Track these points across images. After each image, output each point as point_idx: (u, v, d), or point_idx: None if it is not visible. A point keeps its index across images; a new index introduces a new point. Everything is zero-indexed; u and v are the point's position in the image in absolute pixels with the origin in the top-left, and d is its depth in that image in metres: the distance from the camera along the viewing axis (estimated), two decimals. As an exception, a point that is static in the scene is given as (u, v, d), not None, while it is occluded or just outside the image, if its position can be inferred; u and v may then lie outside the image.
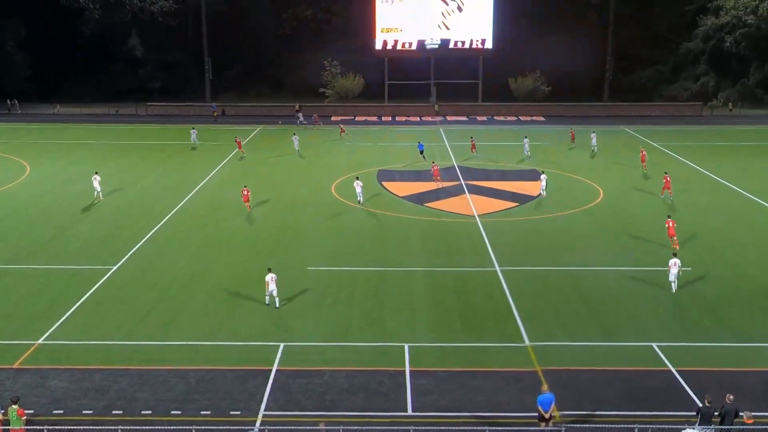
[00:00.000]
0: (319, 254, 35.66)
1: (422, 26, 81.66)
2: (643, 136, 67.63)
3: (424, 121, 78.13)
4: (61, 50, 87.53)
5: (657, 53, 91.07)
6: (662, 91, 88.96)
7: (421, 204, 44.76)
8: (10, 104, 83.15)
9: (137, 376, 23.98)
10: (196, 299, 30.34)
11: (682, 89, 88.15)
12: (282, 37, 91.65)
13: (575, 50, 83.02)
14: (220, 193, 47.30)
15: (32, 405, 21.90)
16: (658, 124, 75.21)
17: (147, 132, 71.50)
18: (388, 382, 23.67)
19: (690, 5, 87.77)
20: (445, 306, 29.68)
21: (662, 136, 67.49)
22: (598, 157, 56.88)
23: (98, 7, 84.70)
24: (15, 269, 33.63)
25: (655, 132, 70.03)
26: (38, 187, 48.58)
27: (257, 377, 23.88)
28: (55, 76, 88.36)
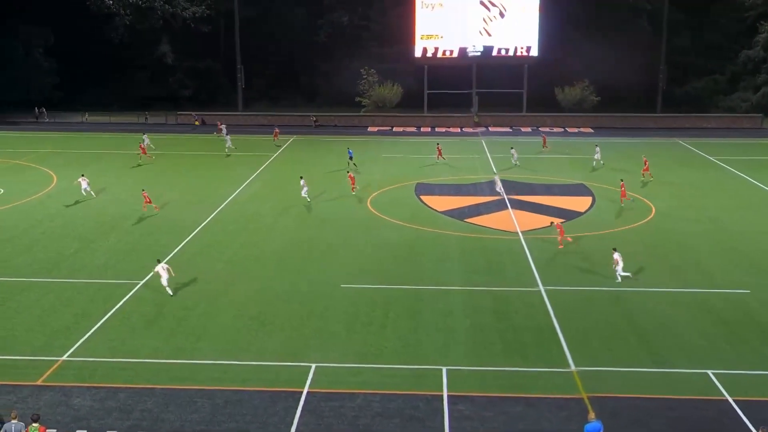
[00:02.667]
0: (352, 271, 35.74)
1: (464, 33, 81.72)
2: (698, 149, 66.89)
3: (464, 132, 78.09)
4: (89, 57, 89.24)
5: (713, 62, 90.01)
6: (718, 102, 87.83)
7: (461, 219, 44.68)
8: (38, 112, 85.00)
9: (163, 395, 24.20)
10: (224, 317, 30.57)
11: (741, 100, 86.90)
12: (317, 45, 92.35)
13: (626, 59, 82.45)
14: (251, 206, 47.69)
15: (55, 424, 22.18)
16: (715, 137, 74.24)
17: (177, 141, 72.40)
18: (424, 407, 23.57)
19: (750, 11, 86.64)
20: (485, 327, 29.51)
21: (719, 150, 66.60)
22: (651, 172, 56.25)
23: (129, 13, 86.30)
24: (39, 282, 34.21)
25: (712, 145, 69.14)
26: (64, 198, 49.41)
27: (287, 399, 23.95)
28: (83, 84, 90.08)
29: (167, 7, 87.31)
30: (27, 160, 61.96)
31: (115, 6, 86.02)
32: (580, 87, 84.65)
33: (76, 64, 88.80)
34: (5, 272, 35.40)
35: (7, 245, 39.50)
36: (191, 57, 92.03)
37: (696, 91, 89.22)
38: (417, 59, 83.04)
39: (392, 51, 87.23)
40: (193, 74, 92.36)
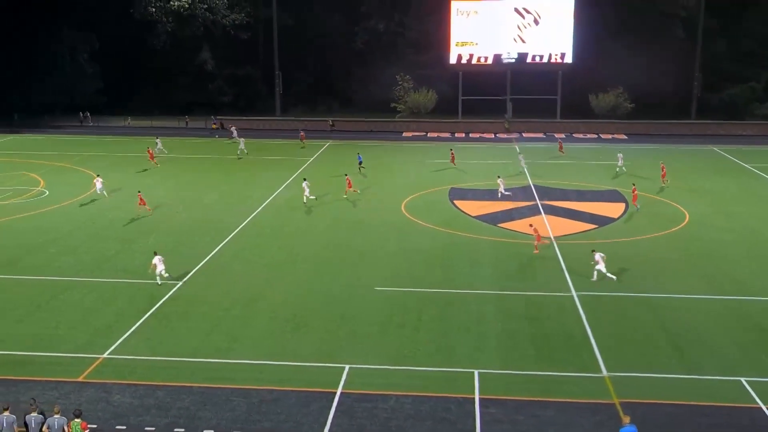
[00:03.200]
0: (386, 274, 35.77)
1: (498, 40, 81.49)
2: (733, 157, 65.95)
3: (498, 138, 77.76)
4: (132, 63, 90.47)
5: (749, 69, 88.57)
6: (754, 109, 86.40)
7: (494, 224, 44.49)
8: (83, 117, 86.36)
9: (200, 394, 24.41)
10: (260, 318, 30.76)
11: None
12: (353, 51, 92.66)
13: (660, 66, 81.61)
14: (287, 210, 47.95)
15: (95, 419, 22.48)
16: (750, 144, 73.15)
17: (216, 146, 73.06)
18: (456, 409, 23.51)
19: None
20: (516, 332, 29.36)
21: (754, 157, 65.61)
22: (685, 179, 55.63)
23: (171, 21, 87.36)
24: (82, 282, 34.70)
25: (747, 152, 68.14)
26: (106, 200, 50.08)
27: (321, 399, 24.03)
28: (126, 89, 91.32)
29: (208, 15, 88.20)
30: (71, 163, 62.96)
31: (158, 14, 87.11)
32: (614, 94, 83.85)
33: (119, 70, 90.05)
34: (50, 272, 35.98)
35: (52, 246, 40.14)
36: (231, 64, 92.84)
37: (731, 98, 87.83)
38: (452, 66, 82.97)
39: (427, 57, 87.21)
40: (233, 81, 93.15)
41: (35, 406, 21.36)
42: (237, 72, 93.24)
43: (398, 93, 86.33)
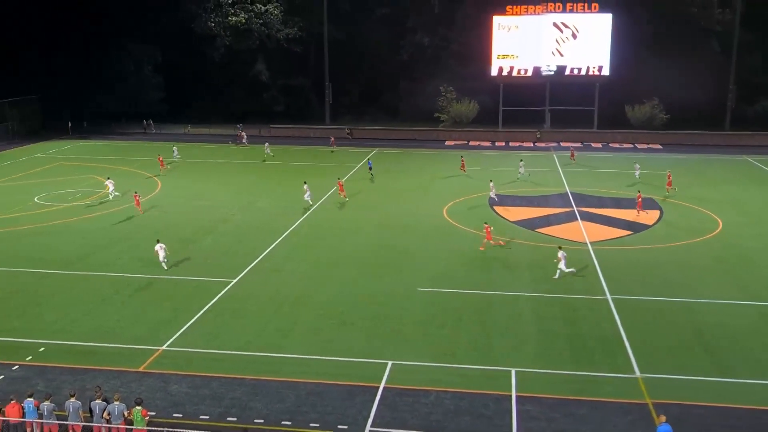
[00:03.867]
0: (428, 276, 35.69)
1: (538, 53, 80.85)
2: (766, 167, 64.43)
3: (537, 147, 77.11)
4: (192, 74, 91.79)
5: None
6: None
7: (532, 229, 44.12)
8: (146, 124, 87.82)
9: (251, 386, 24.63)
10: (308, 315, 30.92)
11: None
12: (399, 64, 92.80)
13: (696, 78, 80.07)
14: (335, 213, 48.15)
15: (154, 407, 22.81)
16: (784, 155, 71.47)
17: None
18: (493, 405, 23.36)
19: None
20: (552, 333, 29.06)
21: (788, 168, 64.11)
22: (718, 188, 54.51)
23: (229, 35, 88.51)
24: (143, 278, 35.21)
25: (780, 163, 66.57)
26: (166, 203, 50.86)
27: (365, 393, 24.06)
28: (186, 98, 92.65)
29: (264, 30, 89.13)
30: (135, 167, 64.04)
31: (217, 28, 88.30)
32: (650, 105, 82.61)
33: (180, 80, 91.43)
34: (114, 269, 36.62)
35: (117, 245, 40.86)
36: (284, 75, 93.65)
37: (765, 110, 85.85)
38: (493, 78, 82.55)
39: (470, 70, 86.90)
40: (285, 91, 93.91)
41: (100, 394, 21.77)
42: (289, 83, 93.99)
43: (442, 103, 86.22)
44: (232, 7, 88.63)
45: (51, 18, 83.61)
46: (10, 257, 38.27)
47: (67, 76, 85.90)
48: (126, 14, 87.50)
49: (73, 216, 46.97)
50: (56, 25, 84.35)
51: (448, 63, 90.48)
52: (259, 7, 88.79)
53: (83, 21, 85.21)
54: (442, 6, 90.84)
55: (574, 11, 79.74)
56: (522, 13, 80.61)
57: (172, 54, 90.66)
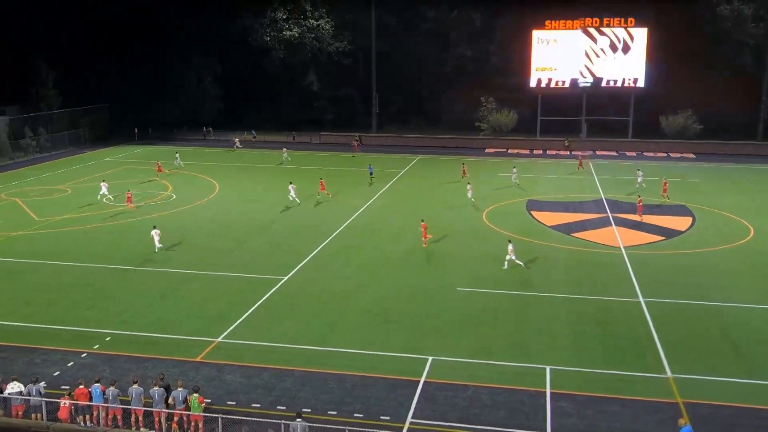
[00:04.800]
0: (468, 276, 35.53)
1: (575, 65, 79.97)
2: (798, 176, 62.79)
3: (573, 155, 76.17)
4: (248, 85, 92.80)
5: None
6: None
7: (568, 234, 43.63)
8: (205, 131, 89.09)
9: (300, 377, 24.80)
10: (353, 311, 31.03)
11: None
12: (442, 75, 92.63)
13: (729, 90, 78.21)
14: (380, 216, 48.23)
15: (210, 395, 23.14)
16: (816, 165, 69.45)
17: (319, 158, 74.15)
18: (528, 401, 23.16)
19: None
20: (586, 333, 28.70)
21: (819, 177, 62.26)
22: (750, 196, 53.21)
23: (283, 48, 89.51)
24: (200, 275, 35.78)
25: (812, 172, 64.69)
26: (223, 204, 51.53)
27: (406, 387, 24.06)
28: (243, 107, 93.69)
29: (315, 43, 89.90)
30: (195, 171, 64.98)
31: (272, 42, 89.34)
32: (684, 116, 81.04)
33: (237, 91, 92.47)
34: (175, 265, 37.23)
35: (178, 243, 41.48)
36: (333, 86, 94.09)
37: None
38: (532, 89, 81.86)
39: (509, 81, 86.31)
40: (334, 100, 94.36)
41: (160, 381, 22.12)
42: (338, 93, 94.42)
43: (482, 113, 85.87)
44: (286, 22, 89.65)
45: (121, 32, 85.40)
46: (81, 253, 39.16)
47: (135, 86, 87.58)
48: (189, 30, 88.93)
49: (139, 216, 47.85)
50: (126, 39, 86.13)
51: (488, 75, 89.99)
52: (312, 23, 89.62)
53: (151, 36, 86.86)
54: (483, 21, 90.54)
55: (611, 26, 78.82)
56: (560, 28, 79.89)
57: (230, 66, 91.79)
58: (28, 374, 23.73)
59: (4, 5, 76.22)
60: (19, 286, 34.07)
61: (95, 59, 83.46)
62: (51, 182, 59.76)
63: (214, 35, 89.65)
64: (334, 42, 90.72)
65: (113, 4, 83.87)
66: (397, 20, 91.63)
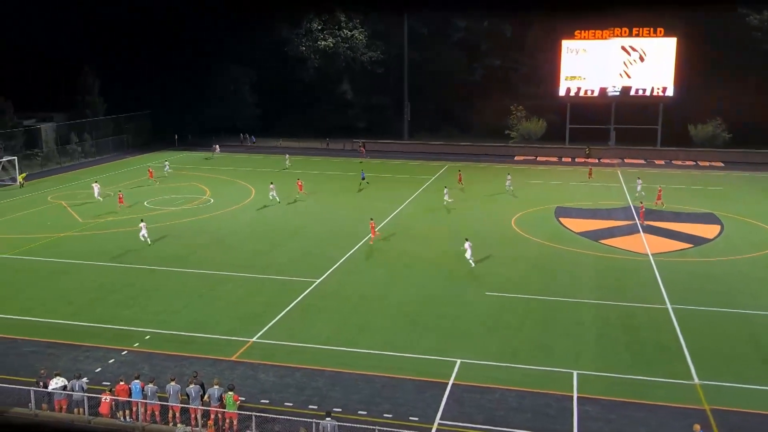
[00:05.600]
0: (496, 281, 35.32)
1: (604, 75, 79.23)
2: (828, 185, 61.39)
3: (602, 163, 75.44)
4: (284, 93, 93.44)
5: None
6: None
7: (596, 240, 43.15)
8: (242, 138, 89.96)
9: (331, 377, 24.86)
10: (383, 314, 31.03)
11: None
12: (472, 84, 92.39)
13: (758, 98, 76.79)
14: (409, 221, 48.18)
15: (245, 393, 23.27)
16: None
17: (352, 165, 74.32)
18: (555, 405, 22.93)
19: None
20: (613, 338, 28.34)
21: None
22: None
23: (318, 58, 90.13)
24: (236, 276, 36.06)
25: (843, 181, 63.19)
26: (259, 208, 51.89)
27: (435, 388, 23.98)
28: (278, 115, 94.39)
29: (349, 53, 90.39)
30: (232, 176, 65.61)
31: (308, 52, 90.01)
32: (713, 124, 79.77)
33: (273, 99, 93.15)
34: (211, 267, 37.57)
35: (214, 245, 41.91)
36: (366, 94, 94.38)
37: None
38: (561, 97, 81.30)
39: (538, 90, 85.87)
40: (367, 108, 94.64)
41: (196, 379, 22.35)
42: (371, 101, 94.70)
43: (512, 121, 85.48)
44: (321, 32, 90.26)
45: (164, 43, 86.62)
46: (122, 254, 39.74)
47: (176, 94, 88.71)
48: (228, 40, 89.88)
49: (178, 219, 48.43)
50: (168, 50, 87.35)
51: (518, 83, 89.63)
52: (346, 33, 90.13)
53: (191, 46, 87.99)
54: (513, 31, 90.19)
55: (640, 36, 77.99)
56: (590, 38, 79.22)
57: (266, 75, 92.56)
58: (72, 370, 24.14)
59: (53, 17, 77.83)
60: (63, 285, 34.68)
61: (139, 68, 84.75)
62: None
63: (252, 45, 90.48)
64: (367, 51, 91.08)
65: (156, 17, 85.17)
66: (429, 30, 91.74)
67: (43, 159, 72.50)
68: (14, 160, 63.81)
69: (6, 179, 63.07)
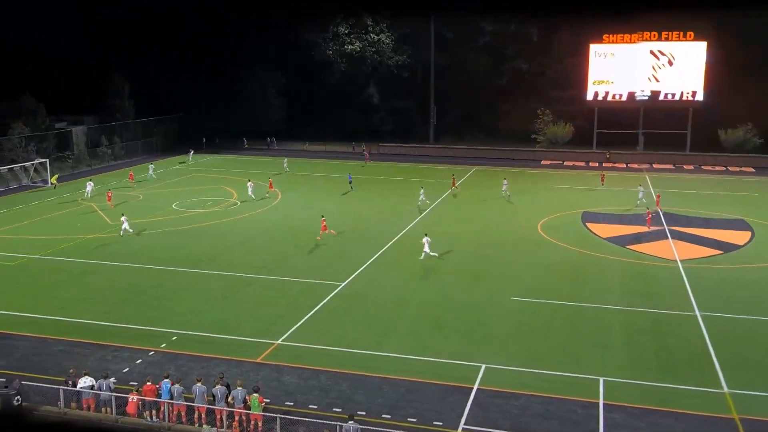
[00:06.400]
0: (522, 286, 35.10)
1: (633, 79, 78.47)
2: None
3: (629, 168, 74.72)
4: (310, 97, 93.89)
5: None
6: None
7: (624, 246, 42.70)
8: (269, 141, 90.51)
9: (356, 380, 24.86)
10: (408, 317, 30.98)
11: None
12: (499, 88, 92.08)
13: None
14: (436, 224, 48.02)
15: (269, 395, 23.36)
16: None
17: (378, 168, 74.42)
18: (580, 411, 22.70)
19: None
20: (640, 345, 27.99)
21: None
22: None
23: (345, 62, 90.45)
24: (262, 279, 36.26)
25: None
26: (285, 211, 52.15)
27: (459, 393, 23.87)
28: (305, 118, 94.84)
29: (376, 57, 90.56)
30: (258, 179, 65.96)
31: (334, 56, 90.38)
32: (743, 129, 78.58)
33: (300, 102, 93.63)
34: (238, 269, 37.80)
35: (241, 248, 42.19)
36: (392, 98, 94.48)
37: None
38: (588, 102, 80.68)
39: (566, 94, 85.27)
40: (393, 112, 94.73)
41: (222, 380, 22.50)
42: (396, 104, 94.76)
43: (539, 125, 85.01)
44: (348, 36, 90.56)
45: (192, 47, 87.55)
46: (150, 256, 40.16)
47: (203, 97, 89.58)
48: (255, 44, 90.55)
49: (205, 221, 48.84)
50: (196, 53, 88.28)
51: (545, 87, 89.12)
52: (373, 37, 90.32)
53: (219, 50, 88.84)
54: (540, 35, 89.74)
55: (670, 39, 77.12)
56: (618, 42, 78.53)
57: (293, 79, 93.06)
58: (100, 369, 24.43)
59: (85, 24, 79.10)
60: (93, 285, 35.13)
61: (168, 72, 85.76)
62: (124, 188, 61.49)
63: (279, 49, 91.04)
64: (394, 55, 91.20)
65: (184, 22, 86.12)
66: (455, 34, 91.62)
67: (73, 161, 73.57)
68: (46, 163, 64.87)
69: (38, 181, 64.11)
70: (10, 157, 65.28)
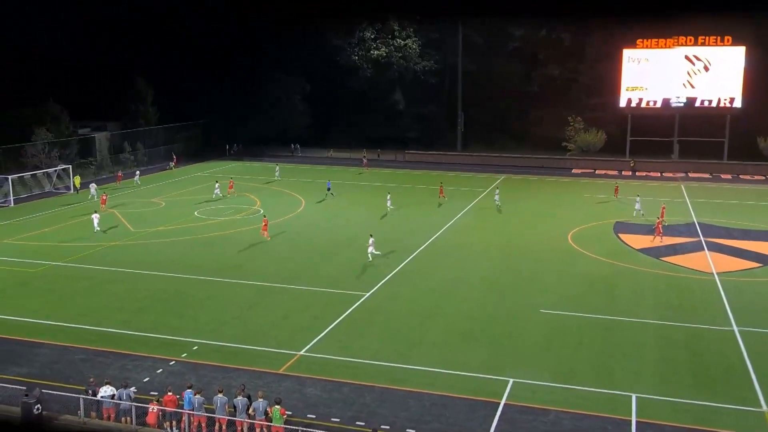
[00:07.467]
0: (551, 298, 34.83)
1: (667, 85, 77.73)
2: None
3: (664, 177, 73.93)
4: (335, 103, 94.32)
5: None
6: None
7: (657, 258, 42.21)
8: (293, 147, 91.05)
9: (380, 393, 24.80)
10: (434, 329, 30.87)
11: None
12: (529, 94, 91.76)
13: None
14: (462, 235, 47.93)
15: (291, 407, 23.37)
16: None
17: (403, 176, 74.45)
18: (612, 429, 22.42)
19: None
20: (675, 360, 27.60)
21: None
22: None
23: (370, 67, 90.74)
24: (285, 288, 36.36)
25: None
26: (309, 219, 52.34)
27: (486, 408, 23.71)
28: (329, 124, 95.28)
29: (402, 62, 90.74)
30: (282, 186, 66.36)
31: (360, 61, 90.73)
32: (784, 137, 77.49)
33: (325, 108, 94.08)
34: (260, 278, 37.99)
35: (264, 256, 42.40)
36: (418, 104, 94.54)
37: None
38: (621, 109, 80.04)
39: (598, 101, 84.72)
40: (419, 118, 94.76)
41: (244, 391, 22.58)
42: (423, 111, 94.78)
43: (569, 133, 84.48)
44: (374, 41, 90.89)
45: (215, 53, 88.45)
46: (172, 264, 40.52)
47: (227, 103, 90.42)
48: (280, 50, 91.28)
49: (228, 229, 49.18)
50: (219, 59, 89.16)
51: (576, 94, 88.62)
52: (399, 42, 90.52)
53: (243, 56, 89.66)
54: (572, 40, 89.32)
55: (707, 44, 76.27)
56: (652, 47, 77.86)
57: (318, 85, 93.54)
58: (120, 378, 24.64)
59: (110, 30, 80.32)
60: (115, 293, 35.52)
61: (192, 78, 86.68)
62: (146, 195, 62.22)
63: (304, 55, 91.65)
64: (420, 61, 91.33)
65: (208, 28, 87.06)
66: (484, 39, 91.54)
67: (96, 167, 74.58)
68: (69, 169, 65.87)
69: (60, 187, 65.11)
70: (34, 162, 66.38)
